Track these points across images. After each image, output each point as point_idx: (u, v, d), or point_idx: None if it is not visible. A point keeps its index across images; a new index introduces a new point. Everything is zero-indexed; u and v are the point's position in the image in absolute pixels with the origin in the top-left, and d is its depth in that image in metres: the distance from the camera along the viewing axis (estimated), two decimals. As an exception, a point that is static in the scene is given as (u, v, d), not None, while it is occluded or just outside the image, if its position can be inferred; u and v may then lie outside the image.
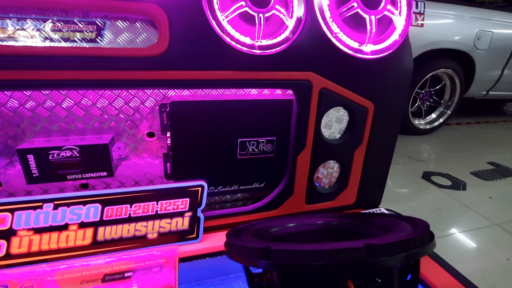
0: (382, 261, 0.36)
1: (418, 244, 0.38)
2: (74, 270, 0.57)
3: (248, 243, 0.45)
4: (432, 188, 1.97)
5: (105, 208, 0.62)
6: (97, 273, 0.55)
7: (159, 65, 0.54)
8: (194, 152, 0.68)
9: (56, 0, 0.49)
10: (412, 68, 0.72)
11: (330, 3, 0.61)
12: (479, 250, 1.44)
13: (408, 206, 1.74)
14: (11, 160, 0.64)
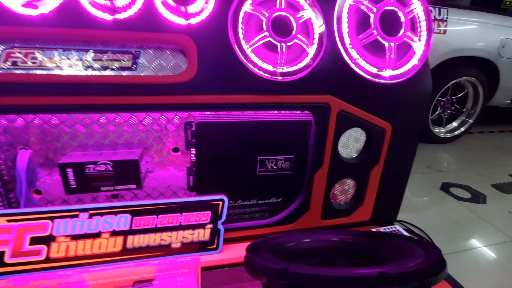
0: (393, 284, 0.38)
1: (430, 274, 0.40)
2: (107, 275, 0.62)
3: (267, 262, 0.48)
4: (450, 201, 1.92)
5: (134, 218, 0.67)
6: (128, 280, 0.60)
7: (187, 91, 0.58)
8: (216, 167, 0.73)
9: (98, 33, 0.54)
10: (431, 91, 0.73)
11: (350, 30, 0.63)
12: (497, 266, 1.40)
13: (424, 219, 1.71)
14: (50, 172, 0.70)
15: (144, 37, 0.56)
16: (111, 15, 0.53)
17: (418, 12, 0.66)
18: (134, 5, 0.54)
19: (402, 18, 0.64)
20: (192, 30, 0.57)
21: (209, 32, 0.58)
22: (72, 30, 0.53)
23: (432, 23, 0.68)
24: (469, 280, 1.28)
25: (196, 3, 0.56)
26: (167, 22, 0.56)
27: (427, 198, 1.97)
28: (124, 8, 0.53)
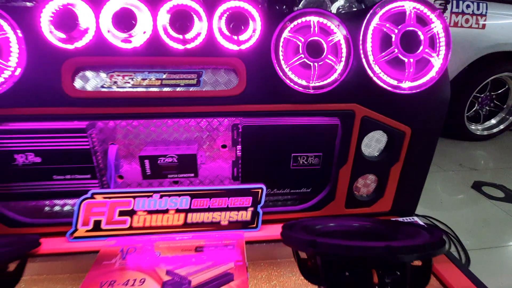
0: (397, 258, 0.51)
1: (427, 249, 0.53)
2: (174, 242, 0.82)
3: (300, 235, 0.63)
4: (481, 199, 1.92)
5: (192, 199, 0.86)
6: (191, 245, 0.79)
7: (238, 101, 0.74)
8: (257, 161, 0.89)
9: (172, 59, 0.71)
10: (448, 99, 0.81)
11: (373, 48, 0.74)
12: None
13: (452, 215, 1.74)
14: (130, 162, 0.91)
15: (206, 61, 0.72)
16: (182, 46, 0.70)
17: (438, 30, 0.75)
18: (199, 36, 0.70)
19: (422, 36, 0.73)
20: (242, 54, 0.73)
21: (255, 55, 0.73)
22: (154, 58, 0.71)
23: (451, 39, 0.76)
24: (492, 276, 1.33)
25: (246, 33, 0.71)
26: (223, 49, 0.72)
27: (456, 195, 1.98)
28: (192, 39, 0.70)
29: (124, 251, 0.77)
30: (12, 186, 0.83)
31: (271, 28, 0.72)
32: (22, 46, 0.66)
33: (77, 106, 0.71)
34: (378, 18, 0.73)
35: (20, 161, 0.81)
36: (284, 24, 0.71)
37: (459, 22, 2.24)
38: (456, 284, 0.70)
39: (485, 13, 2.25)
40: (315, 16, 0.72)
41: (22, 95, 0.68)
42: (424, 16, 0.75)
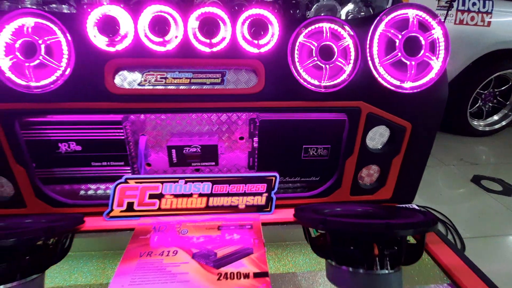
0: (394, 232, 0.61)
1: (421, 226, 0.63)
2: (198, 222, 0.92)
3: (312, 215, 0.73)
4: (480, 192, 2.00)
5: (214, 185, 0.96)
6: (214, 225, 0.90)
7: (257, 98, 0.84)
8: (272, 152, 0.99)
9: (200, 61, 0.81)
10: (446, 98, 0.90)
11: (379, 52, 0.83)
12: (516, 254, 1.51)
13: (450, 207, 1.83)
14: (157, 151, 1.01)
15: (229, 62, 0.82)
16: (209, 49, 0.80)
17: (438, 35, 0.83)
18: (224, 40, 0.80)
19: (423, 41, 0.82)
20: (262, 56, 0.82)
21: (273, 57, 0.82)
22: (184, 60, 0.81)
23: (450, 43, 0.84)
24: (485, 261, 1.43)
25: (265, 37, 0.80)
26: (244, 51, 0.81)
27: (455, 188, 2.07)
28: (217, 43, 0.79)
29: (156, 228, 0.88)
30: (56, 171, 0.94)
31: (288, 33, 0.81)
32: (71, 49, 0.76)
33: (116, 101, 0.81)
34: (384, 24, 0.82)
35: (63, 149, 0.92)
36: (299, 30, 0.80)
37: (464, 19, 2.28)
38: (446, 260, 0.80)
39: (491, 10, 2.29)
40: (327, 23, 0.81)
41: (71, 91, 0.78)
42: (426, 22, 0.83)
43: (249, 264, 0.75)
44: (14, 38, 0.73)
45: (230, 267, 0.74)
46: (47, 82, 0.75)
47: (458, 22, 2.29)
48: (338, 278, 0.72)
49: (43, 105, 0.79)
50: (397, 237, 0.64)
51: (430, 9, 0.83)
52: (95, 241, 0.94)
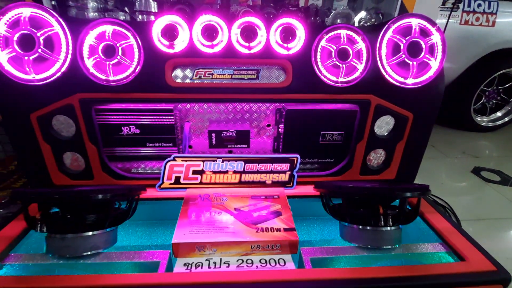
0: (396, 194, 0.80)
1: (416, 190, 0.81)
2: (234, 192, 1.12)
3: (330, 184, 0.92)
4: (478, 182, 2.16)
5: (246, 164, 1.16)
6: (247, 195, 1.10)
7: (286, 91, 1.03)
8: (295, 137, 1.18)
9: (240, 60, 1.00)
10: (443, 93, 1.07)
11: (387, 54, 1.00)
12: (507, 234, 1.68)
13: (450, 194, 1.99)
14: (198, 136, 1.21)
15: (263, 62, 1.01)
16: (248, 50, 0.99)
17: (436, 40, 1.00)
18: (260, 44, 0.99)
19: (423, 45, 0.99)
20: (290, 56, 1.00)
21: (299, 58, 1.00)
22: (227, 59, 1.00)
23: (446, 47, 1.01)
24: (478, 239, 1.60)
25: (293, 42, 0.99)
26: (276, 53, 1.00)
27: (456, 178, 2.23)
28: (255, 46, 0.98)
29: (201, 197, 1.09)
30: (118, 149, 1.15)
31: (312, 38, 0.99)
32: (141, 51, 0.96)
33: (173, 93, 1.01)
34: (391, 31, 0.99)
35: (125, 131, 1.12)
36: (321, 36, 0.99)
37: (469, 20, 2.42)
38: (439, 225, 0.98)
39: (496, 11, 2.42)
40: (344, 29, 0.99)
41: (139, 84, 0.98)
42: (426, 29, 1.00)
43: (280, 222, 0.95)
44: (97, 42, 0.93)
45: (265, 224, 0.94)
46: (122, 77, 0.96)
47: (464, 23, 2.43)
48: (351, 235, 0.92)
49: (116, 95, 0.99)
50: (397, 198, 0.83)
51: (430, 18, 1.00)
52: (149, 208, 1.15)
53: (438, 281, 0.79)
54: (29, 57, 0.91)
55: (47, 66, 0.93)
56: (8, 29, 0.90)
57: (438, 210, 1.06)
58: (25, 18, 0.90)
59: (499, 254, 1.47)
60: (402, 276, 0.79)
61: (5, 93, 0.96)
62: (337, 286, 0.78)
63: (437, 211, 1.05)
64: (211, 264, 0.85)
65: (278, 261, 0.85)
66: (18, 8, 0.89)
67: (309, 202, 1.15)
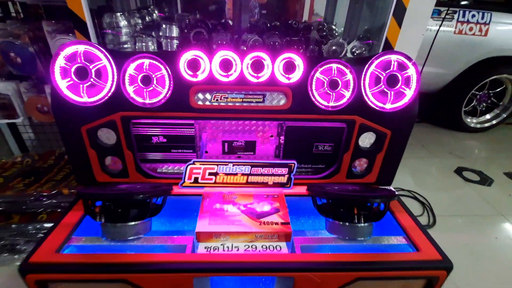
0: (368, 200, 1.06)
1: (382, 198, 1.07)
2: (242, 191, 1.38)
3: (320, 190, 1.18)
4: (459, 181, 2.41)
5: (252, 168, 1.41)
6: (250, 194, 1.36)
7: (286, 112, 1.26)
8: (293, 147, 1.42)
9: (249, 87, 1.23)
10: (416, 114, 1.30)
11: (370, 84, 1.23)
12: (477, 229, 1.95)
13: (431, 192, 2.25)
14: (213, 143, 1.47)
15: (268, 89, 1.24)
16: (256, 80, 1.22)
17: (411, 73, 1.22)
18: (266, 74, 1.21)
19: (400, 77, 1.21)
20: (290, 85, 1.23)
21: (298, 86, 1.23)
22: (239, 86, 1.23)
23: (420, 78, 1.23)
24: (448, 232, 1.87)
25: (294, 73, 1.21)
26: (279, 82, 1.23)
27: (438, 177, 2.48)
28: (262, 76, 1.21)
29: (216, 194, 1.35)
30: (149, 154, 1.41)
31: (309, 70, 1.22)
32: (170, 79, 1.19)
33: (195, 112, 1.26)
34: (374, 66, 1.21)
35: (154, 140, 1.38)
36: (316, 68, 1.21)
37: (463, 30, 2.57)
38: (404, 222, 1.24)
39: (489, 22, 2.57)
40: (335, 64, 1.21)
41: (168, 105, 1.23)
42: (404, 63, 1.22)
43: (278, 218, 1.22)
44: (136, 73, 1.17)
45: (266, 218, 1.21)
46: (155, 100, 1.20)
47: (458, 32, 2.58)
48: (333, 229, 1.18)
49: (150, 114, 1.24)
50: (368, 203, 1.09)
51: (407, 55, 1.21)
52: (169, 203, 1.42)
53: (396, 266, 1.06)
54: (84, 85, 1.15)
55: (97, 91, 1.17)
56: (67, 62, 1.14)
57: (406, 209, 1.32)
58: (81, 54, 1.13)
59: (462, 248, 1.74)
60: (369, 261, 1.06)
61: (62, 111, 1.21)
62: (320, 266, 1.05)
63: (405, 210, 1.31)
64: (225, 248, 1.13)
65: (275, 247, 1.13)
66: (74, 45, 1.13)
67: (303, 200, 1.41)
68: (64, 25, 1.47)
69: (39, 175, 1.77)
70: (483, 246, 1.76)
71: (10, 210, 1.56)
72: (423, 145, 2.89)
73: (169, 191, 1.25)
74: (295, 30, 1.72)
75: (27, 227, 1.51)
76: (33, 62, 1.54)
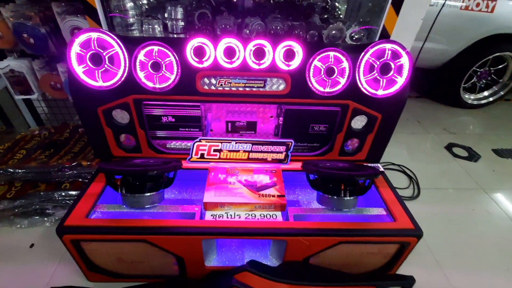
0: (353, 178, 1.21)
1: (366, 176, 1.22)
2: (243, 167, 1.54)
3: (312, 167, 1.34)
4: (447, 157, 2.55)
5: (253, 146, 1.55)
6: (251, 169, 1.52)
7: (285, 97, 1.37)
8: (291, 127, 1.55)
9: (251, 73, 1.33)
10: (406, 100, 1.40)
11: (364, 72, 1.31)
12: (457, 201, 2.14)
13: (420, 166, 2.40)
14: (217, 123, 1.59)
15: (269, 75, 1.33)
16: (258, 66, 1.30)
17: (404, 62, 1.30)
18: (267, 61, 1.30)
19: (393, 66, 1.29)
20: (290, 71, 1.32)
21: (297, 72, 1.32)
22: (242, 72, 1.32)
23: (412, 66, 1.31)
24: (430, 202, 2.05)
25: (293, 60, 1.30)
26: (279, 68, 1.31)
27: (429, 153, 2.62)
28: (263, 63, 1.30)
29: (220, 169, 1.52)
30: (159, 132, 1.55)
31: (307, 58, 1.30)
32: (178, 65, 1.28)
33: (201, 96, 1.37)
34: (369, 54, 1.29)
35: (164, 120, 1.51)
36: (314, 56, 1.29)
37: (470, 5, 2.53)
38: (386, 196, 1.41)
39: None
40: (332, 52, 1.28)
41: (176, 90, 1.33)
42: (397, 52, 1.29)
43: (275, 191, 1.39)
44: (146, 59, 1.26)
45: (265, 191, 1.38)
46: (165, 85, 1.31)
47: (464, 8, 2.54)
48: (323, 201, 1.36)
49: (160, 97, 1.35)
50: (354, 180, 1.25)
51: (401, 44, 1.28)
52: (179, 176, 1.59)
53: (373, 233, 1.25)
54: (99, 70, 1.25)
55: (111, 76, 1.28)
56: (82, 49, 1.22)
57: (389, 184, 1.48)
58: (94, 40, 1.22)
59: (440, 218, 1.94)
60: (350, 228, 1.25)
61: (81, 95, 1.33)
62: (308, 232, 1.24)
63: (388, 185, 1.48)
64: (228, 216, 1.32)
65: (272, 216, 1.31)
66: (87, 33, 1.21)
67: (298, 174, 1.58)
68: (73, 6, 1.51)
69: (58, 148, 1.93)
70: (459, 216, 1.96)
71: (37, 179, 1.75)
72: (419, 121, 2.99)
73: (179, 166, 1.41)
74: (298, 9, 1.75)
75: (53, 194, 1.70)
76: (45, 42, 1.61)
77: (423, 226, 1.26)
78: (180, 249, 1.26)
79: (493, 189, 2.18)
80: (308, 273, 1.28)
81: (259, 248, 1.48)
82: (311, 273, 1.29)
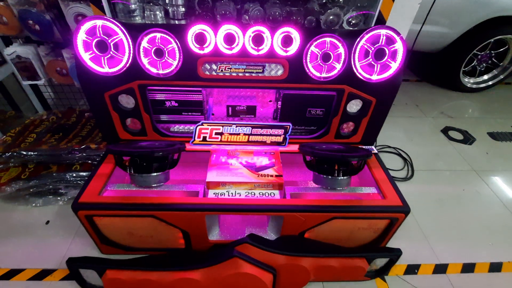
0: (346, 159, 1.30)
1: (360, 156, 1.30)
2: (244, 149, 1.63)
3: (308, 149, 1.42)
4: (443, 140, 2.62)
5: (252, 129, 1.63)
6: (251, 151, 1.61)
7: (283, 82, 1.43)
8: (289, 111, 1.62)
9: (250, 59, 1.38)
10: (400, 84, 1.45)
11: (359, 57, 1.36)
12: (449, 182, 2.23)
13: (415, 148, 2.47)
14: (219, 107, 1.66)
15: (268, 60, 1.38)
16: (257, 52, 1.35)
17: (398, 47, 1.34)
18: (266, 47, 1.35)
19: (387, 51, 1.34)
20: (288, 57, 1.37)
21: (294, 58, 1.37)
22: (241, 58, 1.38)
23: (405, 52, 1.36)
24: (420, 186, 2.14)
25: (291, 46, 1.34)
26: (277, 54, 1.36)
27: (425, 136, 2.68)
28: (262, 49, 1.35)
29: (222, 151, 1.60)
30: (163, 116, 1.63)
31: (304, 44, 1.34)
32: (180, 52, 1.34)
33: (202, 81, 1.43)
34: (364, 40, 1.33)
35: (167, 104, 1.58)
36: (311, 42, 1.34)
37: (472, -13, 2.49)
38: (377, 175, 1.50)
39: (499, -21, 2.47)
40: (328, 37, 1.33)
41: (179, 75, 1.40)
42: (392, 37, 1.33)
43: (273, 171, 1.48)
44: (150, 46, 1.32)
45: (264, 171, 1.47)
46: (168, 71, 1.37)
47: (466, -11, 2.51)
48: (318, 180, 1.45)
49: (164, 82, 1.42)
50: (347, 161, 1.33)
51: (395, 30, 1.32)
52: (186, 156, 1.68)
53: (363, 209, 1.35)
54: (105, 57, 1.31)
55: (116, 62, 1.34)
56: (88, 36, 1.28)
57: (381, 164, 1.57)
58: (99, 27, 1.27)
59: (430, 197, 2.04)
60: (343, 205, 1.35)
61: (88, 81, 1.39)
62: (304, 209, 1.34)
63: (380, 165, 1.57)
64: (229, 194, 1.41)
65: (270, 194, 1.41)
66: (92, 20, 1.26)
67: (295, 156, 1.67)
68: (76, -8, 1.55)
69: (66, 131, 2.02)
70: (449, 196, 2.06)
71: (48, 161, 1.85)
72: (417, 105, 3.04)
73: (183, 148, 1.49)
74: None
75: (65, 175, 1.81)
76: (50, 28, 1.65)
77: (414, 205, 1.35)
78: (185, 224, 1.37)
79: (485, 170, 2.27)
80: (303, 246, 1.39)
81: (259, 225, 1.60)
82: (306, 246, 1.40)
